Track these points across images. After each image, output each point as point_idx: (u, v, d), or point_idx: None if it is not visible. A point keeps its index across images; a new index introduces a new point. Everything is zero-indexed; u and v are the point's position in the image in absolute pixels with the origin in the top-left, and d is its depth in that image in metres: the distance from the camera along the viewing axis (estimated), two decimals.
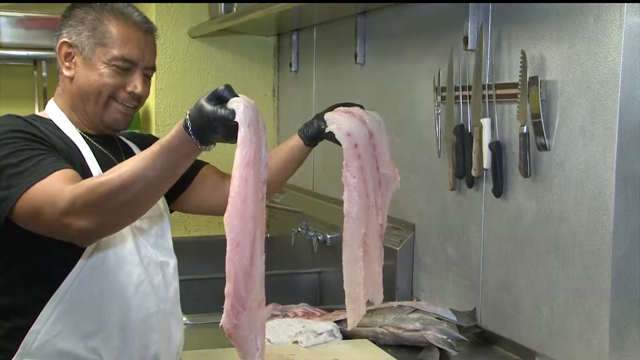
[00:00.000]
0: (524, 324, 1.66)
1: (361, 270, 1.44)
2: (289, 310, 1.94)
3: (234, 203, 1.13)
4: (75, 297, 1.40)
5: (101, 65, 1.47)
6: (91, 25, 1.49)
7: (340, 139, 1.41)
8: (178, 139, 1.21)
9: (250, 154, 1.13)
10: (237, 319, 1.17)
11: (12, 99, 3.15)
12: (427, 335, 1.70)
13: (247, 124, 1.12)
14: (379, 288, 1.50)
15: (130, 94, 1.48)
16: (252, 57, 3.15)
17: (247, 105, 1.13)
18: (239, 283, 1.15)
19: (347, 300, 1.46)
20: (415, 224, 2.09)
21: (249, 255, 1.15)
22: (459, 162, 1.82)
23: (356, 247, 1.43)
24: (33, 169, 1.30)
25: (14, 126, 1.39)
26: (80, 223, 1.24)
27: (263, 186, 1.18)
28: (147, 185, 1.22)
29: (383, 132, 1.46)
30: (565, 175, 1.53)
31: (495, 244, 1.77)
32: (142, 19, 1.52)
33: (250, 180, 1.14)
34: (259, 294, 1.21)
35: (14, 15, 3.01)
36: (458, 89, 1.84)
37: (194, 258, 2.68)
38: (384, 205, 1.47)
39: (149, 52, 1.52)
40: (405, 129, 2.14)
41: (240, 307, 1.16)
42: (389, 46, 2.24)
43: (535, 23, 1.60)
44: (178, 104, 3.05)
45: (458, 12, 1.83)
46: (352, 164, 1.40)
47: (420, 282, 2.08)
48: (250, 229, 1.15)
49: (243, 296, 1.15)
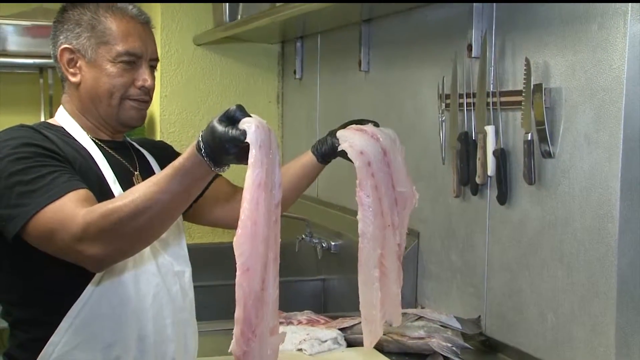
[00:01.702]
0: (529, 331, 1.66)
1: (377, 292, 1.38)
2: (293, 318, 1.94)
3: (243, 226, 1.09)
4: (94, 309, 1.38)
5: (107, 64, 1.44)
6: (89, 26, 1.46)
7: (353, 158, 1.37)
8: (191, 162, 1.17)
9: (261, 175, 1.10)
10: (247, 346, 1.11)
11: (18, 106, 3.17)
12: (432, 343, 1.70)
13: (258, 145, 1.09)
14: (397, 309, 1.44)
15: (141, 88, 1.46)
16: (257, 64, 3.16)
17: (259, 126, 1.10)
18: (249, 309, 1.10)
19: (363, 322, 1.41)
20: (420, 231, 2.09)
21: (259, 280, 1.10)
22: (463, 169, 1.82)
23: (372, 268, 1.37)
24: (46, 189, 1.27)
25: (28, 139, 1.36)
26: (93, 250, 1.22)
27: (276, 209, 1.15)
28: (161, 210, 1.20)
29: (398, 150, 1.42)
30: (569, 182, 1.53)
31: (499, 251, 1.76)
32: (138, 11, 1.50)
33: (261, 202, 1.10)
34: (272, 320, 1.15)
35: (21, 24, 3.03)
36: (462, 96, 1.84)
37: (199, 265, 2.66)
38: (401, 225, 1.42)
39: (151, 43, 1.49)
40: (409, 136, 2.14)
41: (250, 334, 1.10)
42: (393, 53, 2.25)
43: (539, 30, 1.60)
44: (183, 111, 3.06)
45: (462, 19, 1.84)
46: (365, 182, 1.36)
47: (425, 289, 2.07)
48: (261, 252, 1.10)
49: (253, 323, 1.10)
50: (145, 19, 1.50)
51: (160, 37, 3.01)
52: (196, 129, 3.03)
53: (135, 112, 1.48)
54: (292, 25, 2.65)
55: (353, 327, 1.82)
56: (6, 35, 3.01)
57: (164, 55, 3.00)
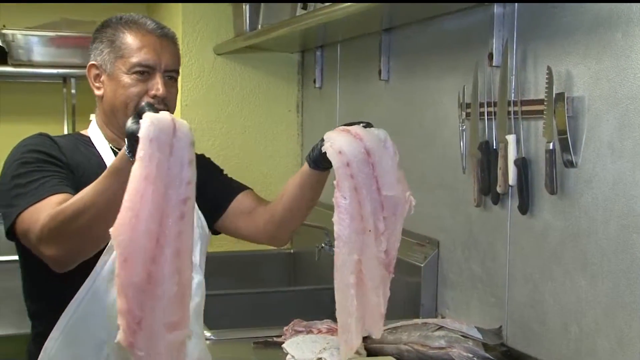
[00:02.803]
0: (551, 342, 1.64)
1: (353, 299, 1.32)
2: (313, 327, 1.93)
3: (121, 217, 1.09)
4: (89, 307, 1.44)
5: (123, 76, 1.53)
6: (109, 41, 1.55)
7: (331, 157, 1.31)
8: (120, 160, 1.22)
9: (149, 169, 1.09)
10: (133, 337, 1.11)
11: (42, 115, 3.21)
12: (453, 353, 1.68)
13: (148, 139, 1.10)
14: (377, 321, 1.36)
15: (154, 97, 1.52)
16: (276, 73, 3.17)
17: (154, 122, 1.11)
18: (130, 300, 1.10)
19: (339, 331, 1.35)
20: (440, 241, 2.08)
21: (140, 272, 1.09)
22: (484, 178, 1.81)
23: (348, 273, 1.32)
24: (34, 192, 1.37)
25: (35, 146, 1.47)
26: (50, 250, 1.29)
27: (183, 205, 1.13)
28: (99, 211, 1.23)
29: (387, 151, 1.34)
30: (593, 192, 1.51)
31: (521, 261, 1.75)
32: (155, 25, 1.57)
33: (147, 196, 1.09)
34: (171, 316, 1.13)
35: (45, 35, 3.09)
36: (483, 105, 1.84)
37: (217, 273, 2.68)
38: (391, 231, 1.33)
39: (166, 55, 1.55)
40: (429, 145, 2.13)
41: (135, 325, 1.10)
42: (414, 62, 2.25)
43: (562, 39, 1.59)
44: (203, 120, 3.08)
45: (483, 28, 1.83)
46: (343, 183, 1.30)
47: (445, 299, 2.06)
48: (142, 245, 1.09)
49: (137, 315, 1.10)
50: (162, 32, 1.57)
51: (181, 47, 3.02)
52: (216, 137, 3.05)
53: None
54: (312, 34, 2.66)
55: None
56: (31, 46, 3.06)
57: (184, 65, 3.02)
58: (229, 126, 3.09)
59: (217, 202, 1.69)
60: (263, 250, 2.98)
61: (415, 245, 2.16)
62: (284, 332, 1.89)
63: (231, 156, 3.00)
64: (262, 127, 3.15)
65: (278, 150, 3.15)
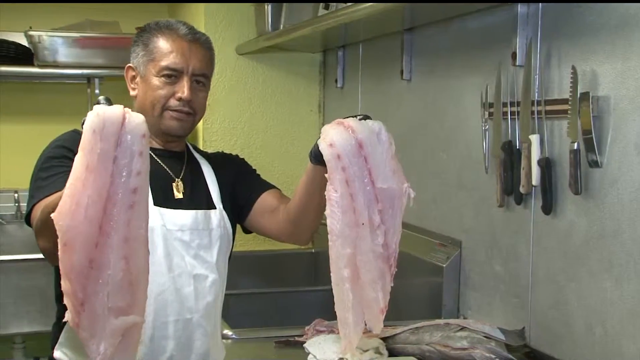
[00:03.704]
0: (576, 344, 1.62)
1: (349, 293, 1.30)
2: (334, 327, 1.93)
3: (62, 204, 1.13)
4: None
5: (153, 78, 1.59)
6: (144, 45, 1.62)
7: (322, 150, 1.30)
8: None
9: (90, 158, 1.13)
10: (78, 319, 1.16)
11: (66, 115, 3.25)
12: (475, 354, 1.67)
13: (91, 130, 1.13)
14: (376, 316, 1.32)
15: (179, 100, 1.58)
16: (298, 73, 3.17)
17: (99, 113, 1.14)
18: (73, 283, 1.14)
19: (339, 325, 1.34)
20: (462, 241, 2.07)
21: (82, 257, 1.13)
22: (507, 178, 1.80)
23: (342, 266, 1.30)
24: (50, 186, 1.43)
25: (64, 142, 1.54)
26: (40, 243, 1.36)
27: (132, 194, 1.16)
28: None
29: (380, 143, 1.31)
30: (618, 192, 1.49)
31: (545, 262, 1.73)
32: (187, 31, 1.62)
33: (88, 184, 1.13)
34: (118, 301, 1.16)
35: (70, 36, 3.13)
36: (506, 105, 1.82)
37: (239, 273, 2.70)
38: (389, 224, 1.30)
39: (194, 60, 1.60)
40: (452, 145, 2.12)
41: (79, 307, 1.15)
42: (436, 62, 2.24)
43: (587, 38, 1.58)
44: (225, 119, 3.09)
45: (506, 27, 1.82)
46: (334, 176, 1.28)
47: (467, 299, 2.05)
48: (83, 231, 1.13)
49: (79, 297, 1.14)
50: (193, 38, 1.62)
51: None
52: (238, 137, 3.07)
53: (174, 122, 1.61)
54: (334, 34, 2.66)
55: (395, 336, 1.81)
56: (56, 47, 3.11)
57: None
58: (251, 126, 3.11)
59: (245, 200, 1.74)
60: (285, 249, 2.99)
61: (437, 245, 2.15)
62: (306, 332, 1.90)
63: (253, 156, 3.01)
64: (283, 127, 3.15)
65: (299, 150, 3.16)
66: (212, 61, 1.68)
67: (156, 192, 1.56)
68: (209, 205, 1.67)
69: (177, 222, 1.58)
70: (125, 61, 1.69)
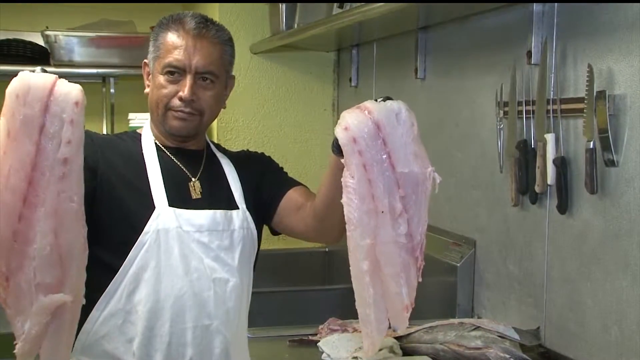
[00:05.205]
0: (591, 344, 1.61)
1: (369, 288, 1.19)
2: (348, 326, 1.93)
3: None
4: (117, 304, 1.46)
5: (158, 76, 1.54)
6: (154, 40, 1.57)
7: (337, 135, 1.19)
8: None
9: (12, 124, 1.07)
10: (5, 294, 1.11)
11: None
12: (490, 354, 1.67)
13: (14, 94, 1.09)
14: (399, 312, 1.21)
15: (180, 99, 1.51)
16: (312, 72, 3.18)
17: (24, 78, 1.11)
18: None
19: (360, 323, 1.23)
20: (476, 240, 2.06)
21: (3, 229, 1.07)
22: (522, 177, 1.79)
23: (361, 258, 1.19)
24: None
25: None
26: None
27: (62, 165, 1.10)
28: None
29: (400, 124, 1.19)
30: (634, 192, 1.48)
31: (560, 262, 1.72)
32: (195, 25, 1.53)
33: (10, 152, 1.07)
34: (45, 278, 1.10)
35: (85, 35, 3.15)
36: (521, 104, 1.81)
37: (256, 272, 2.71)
38: (412, 212, 1.19)
39: (198, 57, 1.51)
40: (466, 144, 2.12)
41: (4, 282, 1.10)
42: (450, 61, 2.23)
43: (603, 36, 1.57)
44: (239, 118, 3.10)
45: (521, 26, 1.81)
46: (350, 161, 1.17)
47: (482, 299, 2.04)
48: (5, 202, 1.07)
49: (3, 272, 1.09)
50: (198, 33, 1.52)
51: None
52: (252, 136, 3.08)
53: (177, 123, 1.54)
54: (348, 33, 2.66)
55: (409, 335, 1.81)
56: (72, 46, 3.13)
57: None
58: (265, 125, 3.12)
59: (270, 199, 1.64)
60: (298, 248, 2.99)
61: (451, 244, 2.14)
62: (320, 331, 1.90)
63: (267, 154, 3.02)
64: (297, 126, 3.16)
65: (313, 148, 3.16)
66: (223, 56, 1.57)
67: (171, 192, 1.51)
68: (231, 205, 1.58)
69: (194, 222, 1.50)
70: (140, 60, 1.66)
